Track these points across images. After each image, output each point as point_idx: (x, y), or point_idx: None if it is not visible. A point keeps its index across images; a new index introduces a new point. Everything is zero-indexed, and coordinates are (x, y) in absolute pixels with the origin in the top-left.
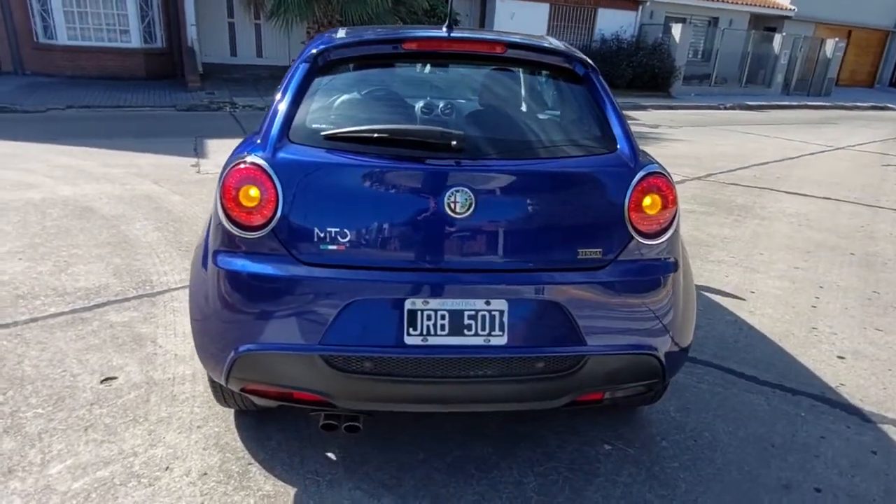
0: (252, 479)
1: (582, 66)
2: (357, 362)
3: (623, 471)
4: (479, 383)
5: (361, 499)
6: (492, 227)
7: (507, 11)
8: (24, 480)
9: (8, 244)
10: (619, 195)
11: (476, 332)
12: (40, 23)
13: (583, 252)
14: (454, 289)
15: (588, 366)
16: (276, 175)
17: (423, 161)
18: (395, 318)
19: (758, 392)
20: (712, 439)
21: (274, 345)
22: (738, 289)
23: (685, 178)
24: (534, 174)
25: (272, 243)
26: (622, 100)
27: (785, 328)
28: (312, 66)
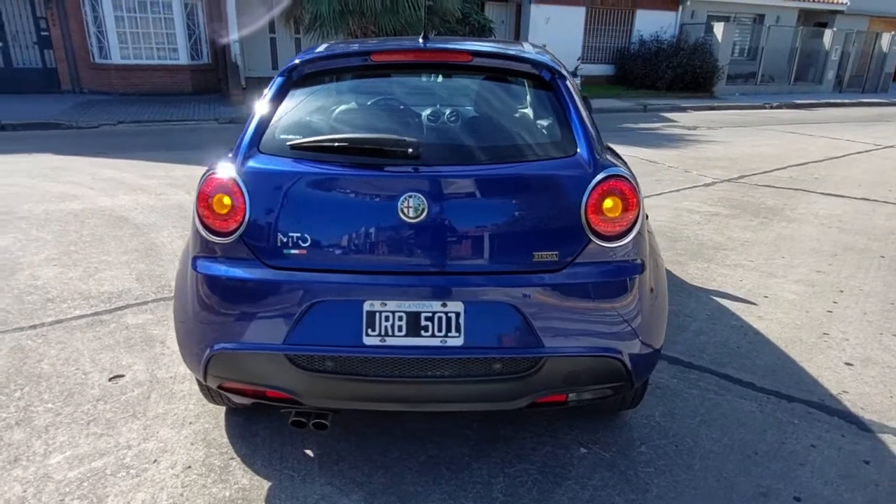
0: (231, 473)
1: (548, 71)
2: (319, 361)
3: (595, 474)
4: (438, 383)
5: (331, 494)
6: (446, 230)
7: (543, 16)
8: (27, 469)
9: (46, 252)
10: (576, 198)
11: (433, 333)
12: (96, 44)
13: (538, 255)
14: (411, 291)
15: (546, 367)
16: (243, 184)
17: (381, 168)
18: (354, 319)
19: (752, 399)
20: (694, 445)
21: (244, 344)
22: (751, 293)
23: (714, 181)
24: (487, 179)
25: (242, 248)
26: (661, 101)
27: (794, 334)
28: (287, 80)
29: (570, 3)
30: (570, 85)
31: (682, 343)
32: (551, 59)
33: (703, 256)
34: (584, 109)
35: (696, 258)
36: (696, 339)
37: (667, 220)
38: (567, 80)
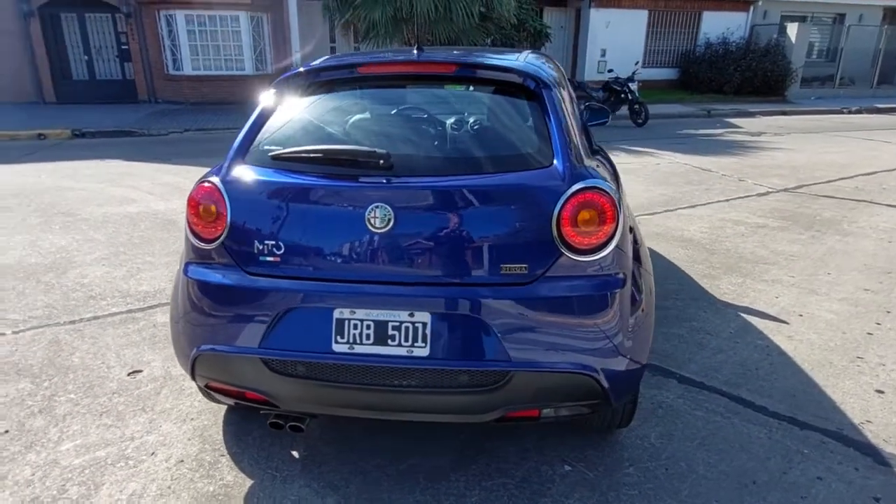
0: (218, 469)
1: (533, 81)
2: (292, 366)
3: (574, 493)
4: (404, 393)
5: (308, 496)
6: (412, 241)
7: (602, 20)
8: (39, 454)
9: (97, 252)
10: (547, 210)
11: (399, 343)
12: (170, 57)
13: (506, 267)
14: (378, 300)
15: (514, 382)
16: (226, 193)
17: (353, 179)
18: (324, 325)
19: (761, 424)
20: (687, 470)
21: (225, 346)
22: (785, 311)
23: (770, 190)
24: (456, 190)
25: (223, 254)
26: (727, 106)
27: (823, 356)
28: (278, 92)
29: (631, 6)
30: (556, 95)
31: (697, 362)
32: (541, 69)
33: (739, 270)
34: (569, 120)
35: (731, 272)
36: (712, 358)
37: (707, 232)
38: (553, 90)
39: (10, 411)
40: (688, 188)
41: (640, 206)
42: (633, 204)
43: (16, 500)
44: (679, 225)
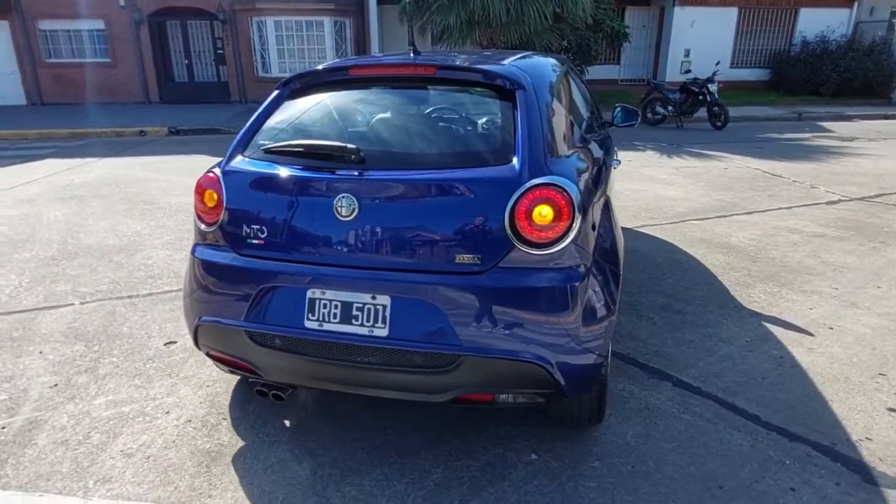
0: (217, 431)
1: (508, 83)
2: (270, 339)
3: (534, 480)
4: (366, 369)
5: (287, 460)
6: (375, 229)
7: (687, 19)
8: (77, 405)
9: (165, 237)
10: (501, 205)
11: (362, 323)
12: (260, 60)
13: (461, 257)
14: (345, 282)
15: (465, 365)
16: (223, 181)
17: (330, 171)
18: (299, 303)
19: (748, 432)
20: (653, 469)
21: (218, 318)
22: (815, 323)
23: (842, 199)
24: (415, 183)
25: (220, 237)
26: (821, 109)
27: (841, 370)
28: (282, 92)
29: (720, 3)
30: (531, 96)
31: (700, 367)
32: (523, 71)
33: (777, 280)
34: (543, 119)
35: (768, 281)
36: (717, 365)
37: (755, 239)
38: (529, 92)
39: (62, 369)
40: (750, 194)
41: (691, 211)
42: (684, 209)
43: (48, 440)
44: (728, 231)
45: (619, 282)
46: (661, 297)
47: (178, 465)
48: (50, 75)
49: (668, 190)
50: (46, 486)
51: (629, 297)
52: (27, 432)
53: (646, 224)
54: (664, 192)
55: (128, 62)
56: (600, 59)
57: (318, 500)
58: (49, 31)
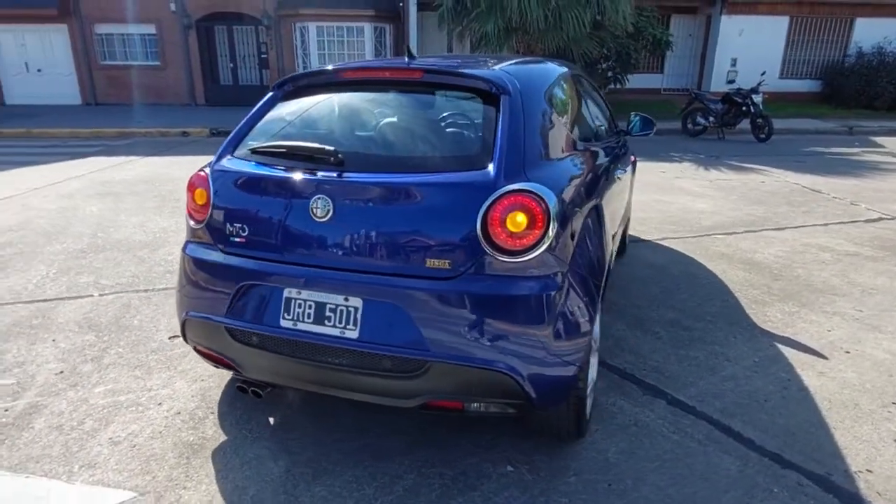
0: (203, 424)
1: (494, 88)
2: (248, 336)
3: (505, 492)
4: (338, 371)
5: (264, 456)
6: (349, 231)
7: (735, 28)
8: (77, 392)
9: None
10: (473, 210)
11: (334, 324)
12: (301, 64)
13: (432, 262)
14: (320, 283)
15: (432, 372)
16: (211, 180)
17: (310, 172)
18: (275, 302)
19: (739, 456)
20: (630, 488)
21: (202, 314)
22: (830, 346)
23: (882, 217)
24: (390, 186)
25: (207, 234)
26: (875, 123)
27: (852, 397)
28: (276, 94)
29: (769, 12)
30: (514, 102)
31: (699, 386)
32: (510, 76)
33: (798, 299)
34: (524, 125)
35: (788, 300)
36: (718, 385)
37: (782, 256)
38: (512, 97)
39: (70, 357)
40: (784, 209)
41: (718, 225)
42: (712, 223)
43: (45, 424)
44: (754, 247)
45: (599, 294)
46: (671, 311)
47: (160, 456)
48: (104, 77)
49: (697, 203)
50: (35, 468)
51: (637, 310)
52: (27, 416)
53: (668, 237)
54: (693, 205)
55: (176, 65)
56: (642, 68)
57: (288, 498)
58: (105, 34)
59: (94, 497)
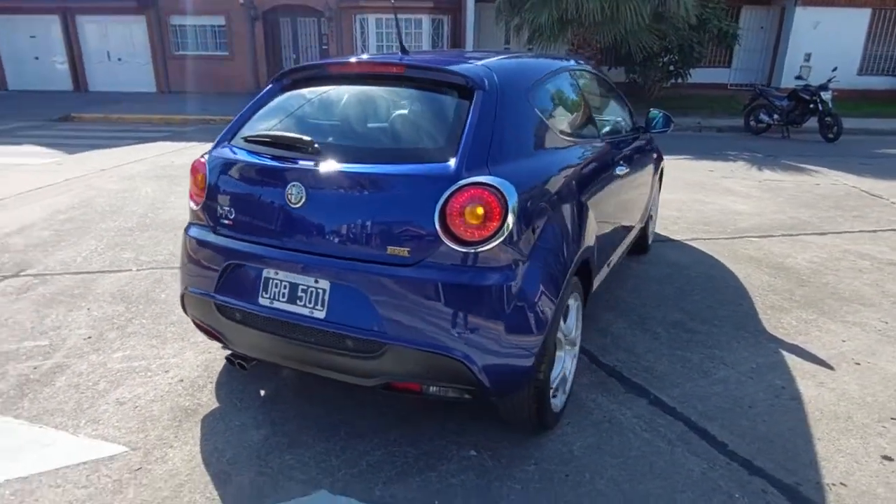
0: (201, 392)
1: (469, 82)
2: (232, 311)
3: (462, 475)
4: (308, 348)
5: (247, 424)
6: (320, 217)
7: (810, 20)
8: (98, 356)
9: None
10: (432, 201)
11: (305, 304)
12: None
13: (392, 249)
14: (294, 265)
15: (389, 354)
16: (207, 166)
17: (290, 161)
18: (256, 281)
19: (707, 459)
20: (586, 481)
21: (196, 289)
22: (841, 357)
23: None
24: (358, 175)
25: (203, 216)
26: None
27: (847, 409)
28: (274, 86)
29: (848, 3)
30: (489, 97)
31: (685, 388)
32: (484, 71)
33: (819, 307)
34: (495, 120)
35: (808, 307)
36: (706, 388)
37: (815, 263)
38: (487, 92)
39: (100, 324)
40: (832, 213)
41: (755, 228)
42: (748, 225)
43: (65, 382)
44: (786, 251)
45: (559, 289)
46: (679, 313)
47: (156, 417)
48: (176, 66)
49: (738, 204)
50: (48, 420)
51: (643, 309)
52: (51, 374)
53: (697, 237)
54: (733, 206)
55: (243, 55)
56: (707, 62)
57: (259, 462)
58: (178, 25)
59: (91, 449)
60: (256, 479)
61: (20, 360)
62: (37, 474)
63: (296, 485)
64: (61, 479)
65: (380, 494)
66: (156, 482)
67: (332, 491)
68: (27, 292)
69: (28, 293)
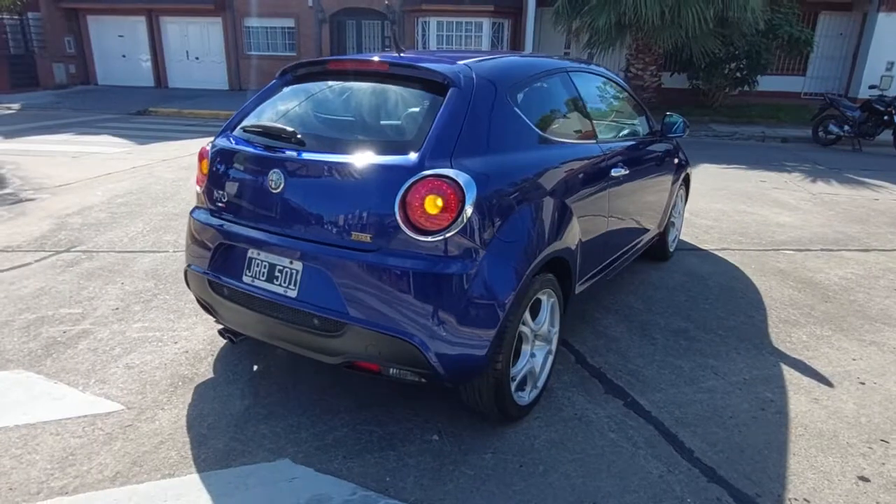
0: (201, 363)
1: (446, 80)
2: (220, 288)
3: (419, 456)
4: (282, 325)
5: (234, 394)
6: (295, 202)
7: (894, 27)
8: (120, 325)
9: None
10: (394, 190)
11: (280, 283)
12: None
13: (356, 235)
14: (272, 247)
15: (349, 334)
16: (211, 153)
17: (277, 150)
18: (241, 260)
19: (668, 463)
20: (539, 473)
21: (194, 266)
22: (845, 375)
23: None
24: (329, 164)
25: (205, 199)
26: None
27: (835, 428)
28: (277, 81)
29: None
30: (462, 94)
31: (667, 393)
32: (463, 69)
33: (838, 324)
34: (466, 117)
35: (825, 324)
36: (689, 395)
37: (847, 279)
38: (461, 90)
39: (128, 298)
40: (883, 230)
41: (793, 241)
42: (787, 237)
43: (86, 346)
44: (821, 266)
45: (517, 284)
46: (684, 321)
47: (156, 382)
48: (248, 65)
49: (783, 215)
50: (64, 377)
51: (648, 315)
52: (77, 338)
53: (727, 248)
54: (776, 218)
55: (309, 56)
56: (778, 69)
57: (236, 430)
58: (251, 27)
59: (94, 405)
60: (229, 443)
61: (53, 325)
62: (42, 422)
63: (263, 452)
64: (62, 428)
65: (337, 467)
66: (140, 438)
67: (294, 460)
68: (73, 266)
69: (74, 267)
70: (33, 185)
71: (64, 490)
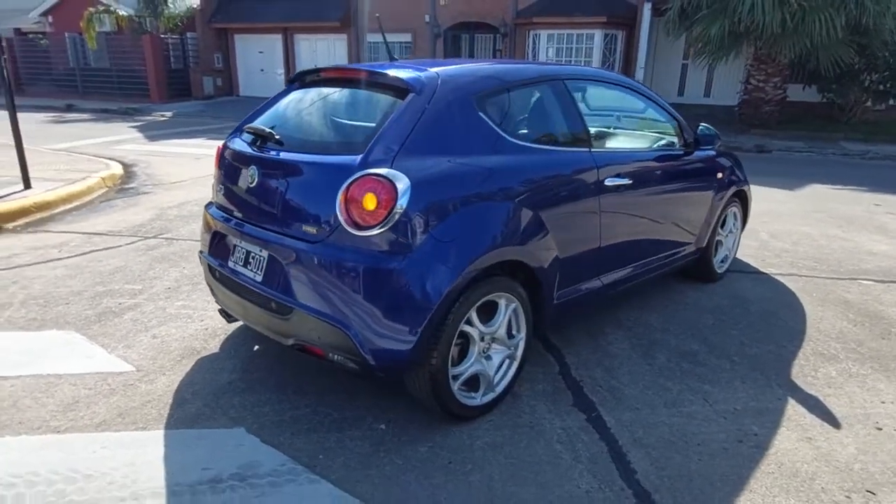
0: (212, 339)
1: (406, 85)
2: (214, 271)
3: (359, 441)
4: (251, 305)
5: (225, 369)
6: (265, 196)
7: None
8: (165, 302)
9: None
10: (336, 187)
11: (252, 269)
12: None
13: (306, 227)
14: (248, 236)
15: (295, 318)
16: (223, 151)
17: (256, 148)
18: (229, 247)
19: (602, 482)
20: (462, 472)
21: (203, 252)
22: (862, 417)
23: None
24: (289, 162)
25: (214, 193)
26: None
27: (816, 470)
28: (288, 87)
29: None
30: (418, 100)
31: (639, 414)
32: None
33: (883, 363)
34: (418, 121)
35: (868, 362)
36: (662, 418)
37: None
38: (419, 95)
39: (183, 279)
40: None
41: (878, 271)
42: (871, 267)
43: (130, 316)
44: (886, 298)
45: (449, 284)
46: (697, 344)
47: (170, 352)
48: None
49: (880, 244)
50: (101, 340)
51: (661, 334)
52: (126, 310)
53: (793, 273)
54: (869, 246)
55: None
56: None
57: (214, 398)
58: (373, 42)
59: (112, 364)
60: (202, 409)
61: (114, 297)
62: (68, 374)
63: (225, 419)
64: (79, 380)
65: (282, 441)
66: (134, 395)
67: (249, 430)
68: (152, 250)
69: (152, 251)
70: (154, 181)
71: (57, 429)
